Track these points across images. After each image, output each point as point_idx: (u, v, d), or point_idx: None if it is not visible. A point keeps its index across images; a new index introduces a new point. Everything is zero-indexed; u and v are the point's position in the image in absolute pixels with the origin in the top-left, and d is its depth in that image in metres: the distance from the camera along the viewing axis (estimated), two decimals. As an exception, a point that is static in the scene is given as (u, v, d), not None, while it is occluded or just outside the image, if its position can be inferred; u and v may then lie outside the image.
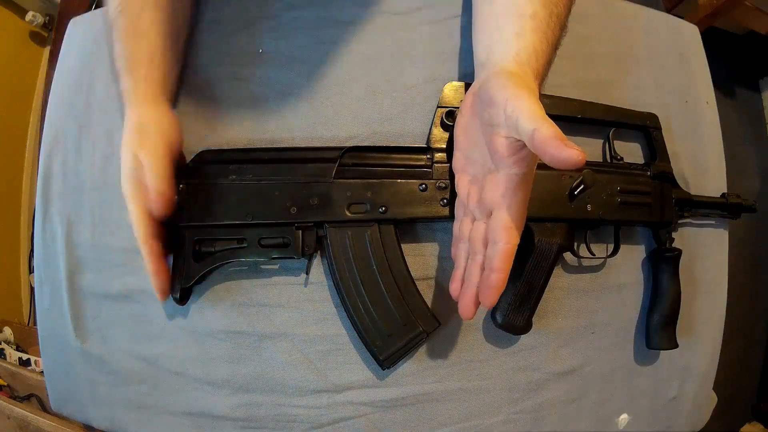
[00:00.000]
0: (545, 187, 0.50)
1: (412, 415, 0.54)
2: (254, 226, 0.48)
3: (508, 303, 0.52)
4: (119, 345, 0.58)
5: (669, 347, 0.57)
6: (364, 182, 0.48)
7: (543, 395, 0.56)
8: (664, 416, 0.61)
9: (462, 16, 0.58)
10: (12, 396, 1.09)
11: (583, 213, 0.52)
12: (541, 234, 0.51)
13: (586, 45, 0.60)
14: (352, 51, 0.57)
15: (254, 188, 0.48)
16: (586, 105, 0.56)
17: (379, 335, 0.49)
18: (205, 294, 0.55)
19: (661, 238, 0.57)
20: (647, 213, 0.55)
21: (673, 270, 0.57)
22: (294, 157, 0.49)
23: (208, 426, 0.56)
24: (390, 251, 0.49)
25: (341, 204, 0.48)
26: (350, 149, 0.50)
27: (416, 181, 0.49)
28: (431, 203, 0.48)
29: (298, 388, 0.54)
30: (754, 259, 1.31)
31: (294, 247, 0.48)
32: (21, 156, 1.47)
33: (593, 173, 0.50)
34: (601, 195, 0.52)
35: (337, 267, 0.48)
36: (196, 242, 0.49)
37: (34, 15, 1.43)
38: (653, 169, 0.56)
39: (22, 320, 1.43)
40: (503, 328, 0.52)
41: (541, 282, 0.52)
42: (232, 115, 0.56)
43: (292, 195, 0.47)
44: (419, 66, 0.56)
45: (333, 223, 0.48)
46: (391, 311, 0.48)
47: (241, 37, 0.58)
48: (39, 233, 0.62)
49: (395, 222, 0.49)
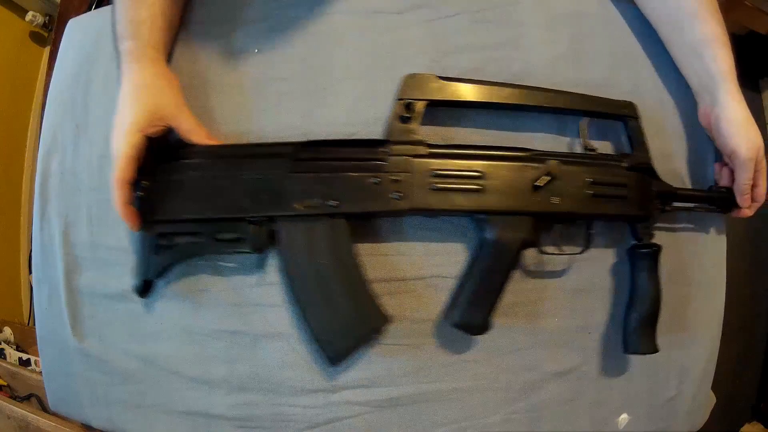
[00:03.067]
0: (507, 178, 0.49)
1: (408, 415, 0.54)
2: (210, 221, 0.48)
3: (466, 300, 0.50)
4: (117, 344, 0.58)
5: (647, 351, 0.54)
6: (317, 176, 0.47)
7: (540, 395, 0.56)
8: (662, 416, 0.61)
9: (460, 16, 0.58)
10: (12, 396, 1.09)
11: (548, 206, 0.50)
12: (503, 228, 0.49)
13: (584, 44, 0.60)
14: (349, 50, 0.57)
15: (210, 184, 0.48)
16: (557, 94, 0.54)
17: (329, 332, 0.48)
18: (201, 294, 0.55)
19: (639, 233, 0.54)
20: (622, 206, 0.52)
21: (652, 267, 0.54)
22: (249, 153, 0.49)
23: (205, 425, 0.56)
24: (341, 246, 0.48)
25: (293, 198, 0.47)
26: (305, 144, 0.49)
27: (369, 175, 0.48)
28: (384, 197, 0.48)
29: (294, 388, 0.54)
30: (754, 259, 1.31)
31: (248, 242, 0.48)
32: (21, 156, 1.47)
33: (560, 164, 0.49)
34: (570, 187, 0.50)
35: (287, 262, 0.48)
36: (157, 237, 0.49)
37: (34, 15, 1.44)
38: (630, 159, 0.54)
39: (22, 320, 1.43)
40: (459, 327, 0.50)
41: (501, 278, 0.50)
42: (228, 114, 0.56)
43: (245, 190, 0.47)
44: (414, 65, 0.56)
45: (284, 217, 0.48)
46: (341, 308, 0.48)
47: (237, 36, 0.58)
48: (37, 233, 0.63)
49: (347, 216, 0.48)
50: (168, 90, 0.51)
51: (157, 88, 0.50)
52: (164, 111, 0.49)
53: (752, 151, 0.54)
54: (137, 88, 0.49)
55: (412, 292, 0.54)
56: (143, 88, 0.49)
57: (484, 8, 0.58)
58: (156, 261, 0.50)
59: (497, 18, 0.59)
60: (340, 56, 0.56)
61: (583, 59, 0.60)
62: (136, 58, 0.50)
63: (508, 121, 0.56)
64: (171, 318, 0.56)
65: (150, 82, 0.50)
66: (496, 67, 0.57)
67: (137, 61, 0.50)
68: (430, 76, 0.51)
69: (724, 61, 0.54)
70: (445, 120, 0.55)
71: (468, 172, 0.49)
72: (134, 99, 0.49)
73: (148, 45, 0.51)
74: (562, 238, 0.54)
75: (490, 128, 0.56)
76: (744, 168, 0.54)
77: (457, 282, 0.52)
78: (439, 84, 0.51)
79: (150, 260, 0.50)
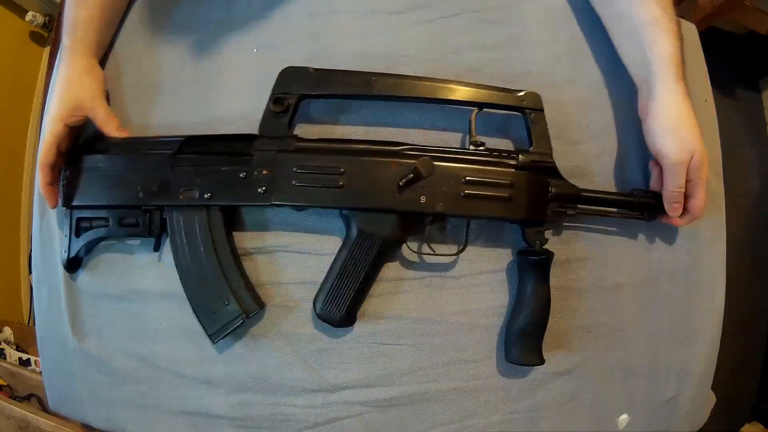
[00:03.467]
0: (370, 174, 0.49)
1: (407, 415, 0.54)
2: (114, 207, 0.54)
3: (326, 293, 0.50)
4: (116, 344, 0.58)
5: (529, 363, 0.51)
6: (195, 169, 0.51)
7: (539, 395, 0.56)
8: (662, 416, 0.60)
9: (460, 16, 0.58)
10: (12, 396, 1.09)
11: (414, 205, 0.49)
12: (365, 224, 0.50)
13: (583, 44, 0.60)
14: (349, 50, 0.57)
15: (114, 175, 0.53)
16: (448, 85, 0.51)
17: (206, 312, 0.52)
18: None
19: (528, 237, 0.51)
20: (504, 208, 0.49)
21: (539, 276, 0.51)
22: (146, 147, 0.53)
23: (205, 425, 0.56)
24: (216, 235, 0.52)
25: (176, 190, 0.51)
26: (189, 138, 0.52)
27: (239, 168, 0.50)
28: (252, 190, 0.50)
29: (294, 388, 0.54)
30: (754, 259, 1.31)
31: (143, 228, 0.53)
32: (21, 156, 1.47)
33: (430, 161, 0.48)
34: (441, 186, 0.49)
35: (173, 247, 0.53)
36: (78, 220, 0.55)
37: (34, 15, 1.43)
38: (525, 157, 0.50)
39: (22, 320, 1.43)
40: (321, 318, 0.51)
41: (362, 275, 0.50)
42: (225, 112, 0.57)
43: (140, 181, 0.52)
44: (414, 65, 0.56)
45: (170, 206, 0.52)
46: (215, 291, 0.51)
47: (234, 35, 0.58)
48: (37, 233, 0.63)
49: (221, 207, 0.51)
50: (90, 84, 0.55)
51: (80, 82, 0.55)
52: (82, 103, 0.54)
53: (682, 154, 0.49)
54: (63, 81, 0.55)
55: (410, 292, 0.54)
56: (68, 81, 0.55)
57: (484, 8, 0.59)
58: (76, 242, 0.56)
59: (497, 18, 0.59)
60: (340, 56, 0.56)
61: (582, 59, 0.60)
62: (70, 53, 0.55)
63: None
64: (171, 318, 0.56)
65: (75, 76, 0.55)
66: (496, 67, 0.57)
67: (69, 56, 0.55)
68: (305, 69, 0.51)
69: (663, 48, 0.49)
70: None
71: (330, 168, 0.49)
72: (59, 92, 0.54)
73: (82, 43, 0.56)
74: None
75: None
76: (672, 173, 0.50)
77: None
78: (313, 77, 0.51)
79: (72, 241, 0.56)
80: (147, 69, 0.60)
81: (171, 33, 0.61)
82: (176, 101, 0.59)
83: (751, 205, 1.30)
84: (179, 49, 0.60)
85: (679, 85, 0.50)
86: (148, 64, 0.60)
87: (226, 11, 0.59)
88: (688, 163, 0.49)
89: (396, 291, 0.54)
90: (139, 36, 0.61)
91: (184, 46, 0.60)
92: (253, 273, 0.54)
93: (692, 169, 0.50)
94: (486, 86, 0.52)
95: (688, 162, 0.49)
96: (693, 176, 0.50)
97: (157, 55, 0.60)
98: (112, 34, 0.60)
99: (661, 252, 0.59)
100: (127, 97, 0.60)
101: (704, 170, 0.50)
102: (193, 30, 0.60)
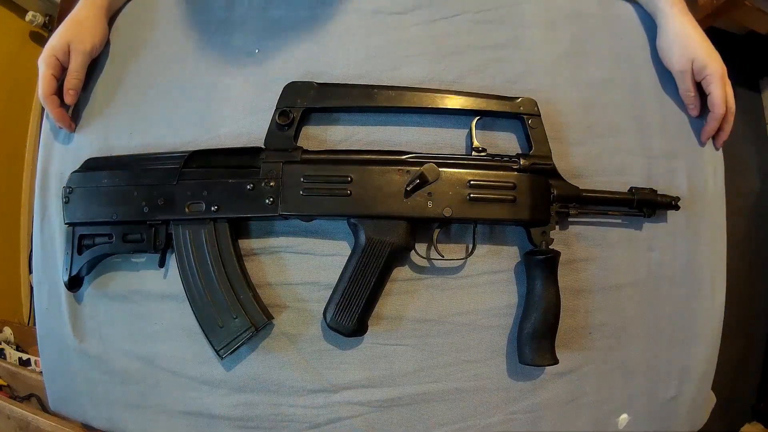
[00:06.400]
0: (377, 182, 0.50)
1: (408, 415, 0.54)
2: (118, 223, 0.53)
3: (337, 303, 0.50)
4: (117, 344, 0.58)
5: (544, 363, 0.51)
6: (201, 183, 0.52)
7: (540, 395, 0.56)
8: (662, 416, 0.60)
9: (461, 16, 0.58)
10: (12, 396, 1.09)
11: (422, 210, 0.49)
12: (373, 232, 0.50)
13: (584, 44, 0.60)
14: (349, 50, 0.57)
15: (119, 191, 0.53)
16: (447, 95, 0.53)
17: (214, 327, 0.51)
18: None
19: (534, 238, 0.52)
20: (510, 210, 0.50)
21: (548, 275, 0.51)
22: (150, 162, 0.54)
23: (206, 425, 0.56)
24: (224, 247, 0.52)
25: (182, 203, 0.52)
26: (194, 153, 0.53)
27: (245, 181, 0.51)
28: (259, 202, 0.50)
29: (295, 388, 0.54)
30: (754, 259, 1.31)
31: (148, 243, 0.53)
32: (21, 156, 1.46)
33: (436, 167, 0.49)
34: (447, 191, 0.50)
35: (180, 261, 0.52)
36: (80, 237, 0.55)
37: (34, 15, 1.43)
38: (526, 160, 0.52)
39: (22, 320, 1.42)
40: (332, 329, 0.51)
41: (372, 282, 0.50)
42: (223, 114, 0.57)
43: (145, 196, 0.52)
44: (416, 66, 0.56)
45: (176, 220, 0.52)
46: (224, 305, 0.51)
47: (235, 37, 0.58)
48: (37, 233, 0.63)
49: (228, 220, 0.52)
50: (89, 30, 0.58)
51: (82, 26, 0.58)
52: (73, 45, 0.57)
53: (681, 63, 0.56)
54: (71, 21, 0.58)
55: (412, 292, 0.54)
56: (75, 23, 0.58)
57: (485, 9, 0.59)
58: (79, 259, 0.55)
59: (498, 18, 0.59)
60: (340, 56, 0.56)
61: (583, 59, 0.60)
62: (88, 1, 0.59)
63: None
64: (172, 318, 0.56)
65: (81, 20, 0.58)
66: (497, 68, 0.57)
67: (85, 1, 0.59)
68: (310, 84, 0.53)
69: None
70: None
71: (338, 177, 0.50)
72: (64, 29, 0.57)
73: None
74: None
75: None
76: (679, 80, 0.58)
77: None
78: (317, 91, 0.52)
79: (75, 258, 0.55)
80: (147, 69, 0.60)
81: (171, 33, 0.61)
82: (176, 101, 0.59)
83: (751, 204, 1.30)
84: (179, 49, 0.60)
85: (679, 10, 0.58)
86: (149, 64, 0.60)
87: (227, 12, 0.59)
88: (689, 69, 0.56)
89: (397, 292, 0.54)
90: (140, 36, 0.61)
91: (185, 46, 0.60)
92: (257, 273, 0.54)
93: (697, 71, 0.56)
94: (484, 95, 0.53)
95: (689, 68, 0.56)
96: (700, 76, 0.56)
97: (157, 55, 0.60)
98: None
99: (661, 252, 0.59)
100: (128, 97, 0.60)
101: (711, 68, 0.55)
102: (193, 30, 0.60)
